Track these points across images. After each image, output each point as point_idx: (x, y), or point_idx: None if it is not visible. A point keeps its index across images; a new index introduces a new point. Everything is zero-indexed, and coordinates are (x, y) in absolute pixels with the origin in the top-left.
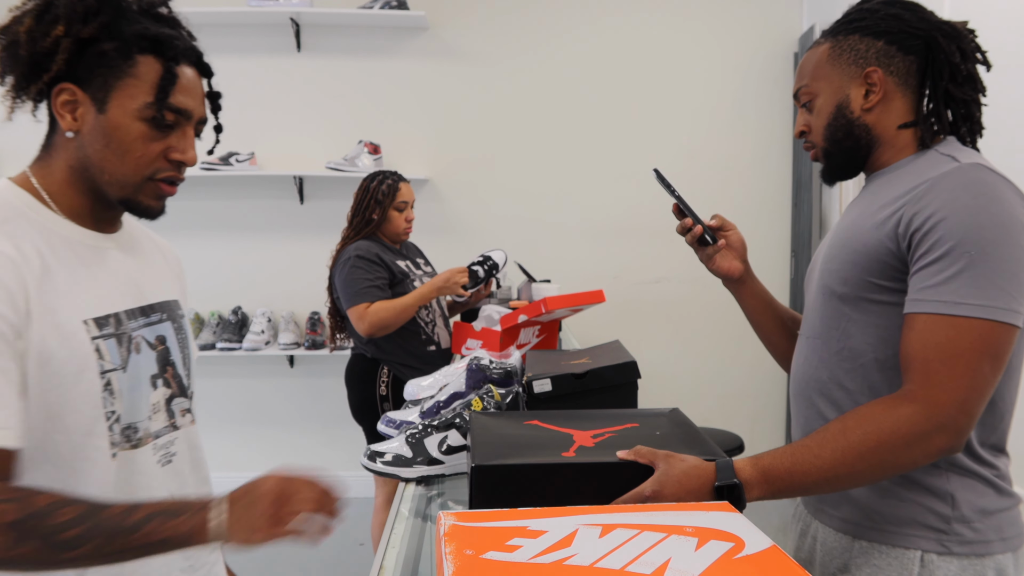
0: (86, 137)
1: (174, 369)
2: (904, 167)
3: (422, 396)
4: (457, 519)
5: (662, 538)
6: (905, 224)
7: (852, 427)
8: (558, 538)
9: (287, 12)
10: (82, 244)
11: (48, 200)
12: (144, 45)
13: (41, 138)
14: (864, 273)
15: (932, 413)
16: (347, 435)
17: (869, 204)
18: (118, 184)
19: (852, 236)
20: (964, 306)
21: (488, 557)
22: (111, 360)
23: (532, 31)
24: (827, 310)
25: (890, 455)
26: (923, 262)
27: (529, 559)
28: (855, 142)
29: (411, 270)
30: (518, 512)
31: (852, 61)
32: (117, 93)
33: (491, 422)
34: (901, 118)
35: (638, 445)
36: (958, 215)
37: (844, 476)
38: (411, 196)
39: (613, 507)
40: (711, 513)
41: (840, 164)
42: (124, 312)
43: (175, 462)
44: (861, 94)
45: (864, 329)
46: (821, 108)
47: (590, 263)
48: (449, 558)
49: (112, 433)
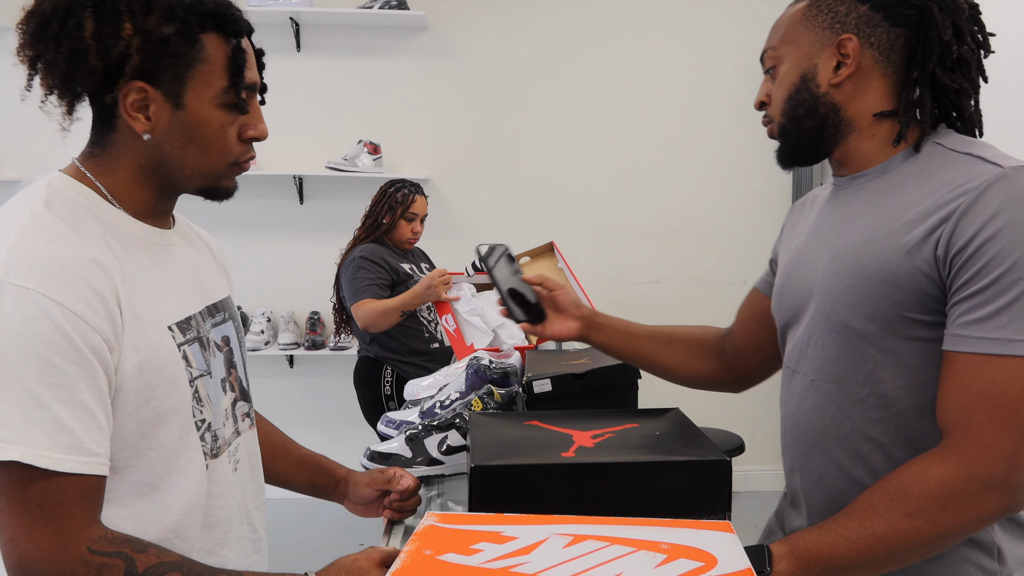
0: (162, 136)
1: (236, 372)
2: (917, 170)
3: (422, 396)
4: (439, 520)
5: (627, 552)
6: (945, 245)
7: (881, 499)
8: (523, 545)
9: (287, 11)
10: (150, 242)
11: (110, 197)
12: (206, 22)
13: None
14: (897, 308)
15: (973, 473)
16: (347, 435)
17: (881, 218)
18: (200, 176)
19: (873, 261)
20: (1017, 344)
21: (443, 559)
22: (198, 366)
23: (532, 31)
24: (843, 350)
25: (930, 527)
26: (968, 290)
27: (480, 563)
28: (819, 122)
29: (414, 272)
30: (501, 517)
31: (827, 25)
32: (192, 83)
33: (491, 422)
34: (879, 102)
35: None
36: (1011, 233)
37: (890, 558)
38: (423, 210)
39: (603, 519)
40: (701, 532)
41: (798, 146)
42: (199, 313)
43: (239, 469)
44: (831, 66)
45: (897, 372)
46: (784, 77)
47: (590, 263)
48: (402, 557)
49: (204, 443)
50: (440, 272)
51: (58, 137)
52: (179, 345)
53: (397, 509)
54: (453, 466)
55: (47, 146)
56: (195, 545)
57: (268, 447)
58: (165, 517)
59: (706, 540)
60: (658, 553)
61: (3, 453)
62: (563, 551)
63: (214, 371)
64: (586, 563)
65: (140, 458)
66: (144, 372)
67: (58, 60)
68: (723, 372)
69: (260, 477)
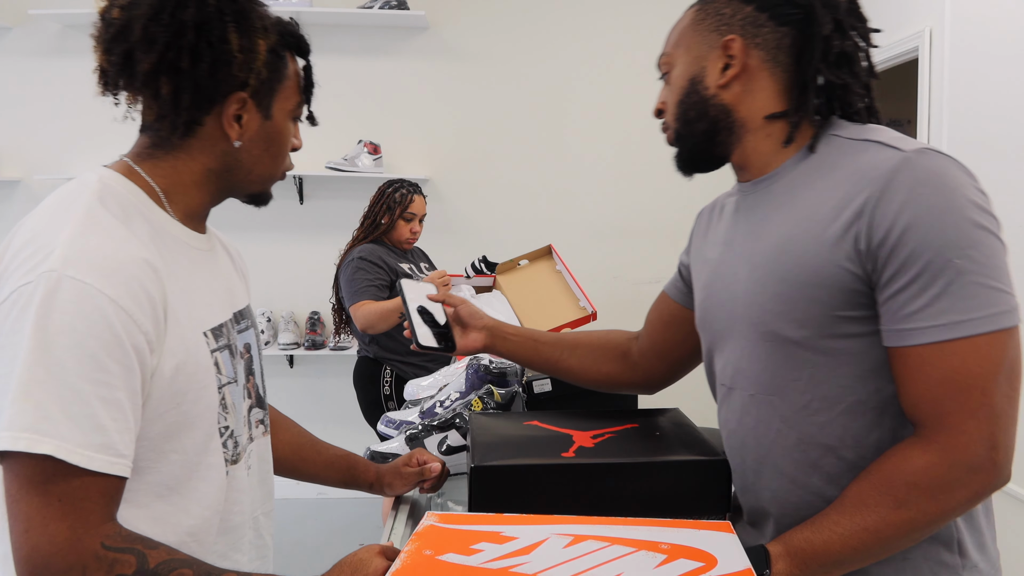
0: (247, 144)
1: (254, 379)
2: (820, 165)
3: (422, 396)
4: (439, 520)
5: (627, 552)
6: (865, 240)
7: (869, 492)
8: (523, 545)
9: (287, 11)
10: (189, 246)
11: (163, 199)
12: (289, 42)
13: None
14: (827, 309)
15: (957, 459)
16: (347, 435)
17: (795, 219)
18: (261, 182)
19: (794, 265)
20: (963, 325)
21: (443, 559)
22: (227, 373)
23: (532, 30)
24: (778, 359)
25: (921, 515)
26: (899, 283)
27: (480, 563)
28: (711, 125)
29: (414, 272)
30: (501, 518)
31: (714, 27)
32: (278, 97)
33: (491, 422)
34: (771, 102)
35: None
36: (927, 219)
37: (885, 548)
38: (422, 210)
39: (603, 519)
40: (701, 532)
41: (693, 150)
42: (228, 320)
43: (250, 475)
44: (719, 67)
45: (835, 371)
46: (675, 81)
47: (590, 263)
48: (402, 556)
49: (226, 449)
50: (439, 274)
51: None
52: (212, 351)
53: (430, 488)
54: (453, 466)
55: (47, 146)
56: (210, 549)
57: (297, 448)
58: (183, 520)
59: (706, 540)
60: (658, 553)
61: (37, 446)
62: (563, 551)
63: (241, 378)
64: (586, 563)
65: (162, 460)
66: (178, 376)
67: (198, 68)
68: (628, 374)
69: (270, 484)
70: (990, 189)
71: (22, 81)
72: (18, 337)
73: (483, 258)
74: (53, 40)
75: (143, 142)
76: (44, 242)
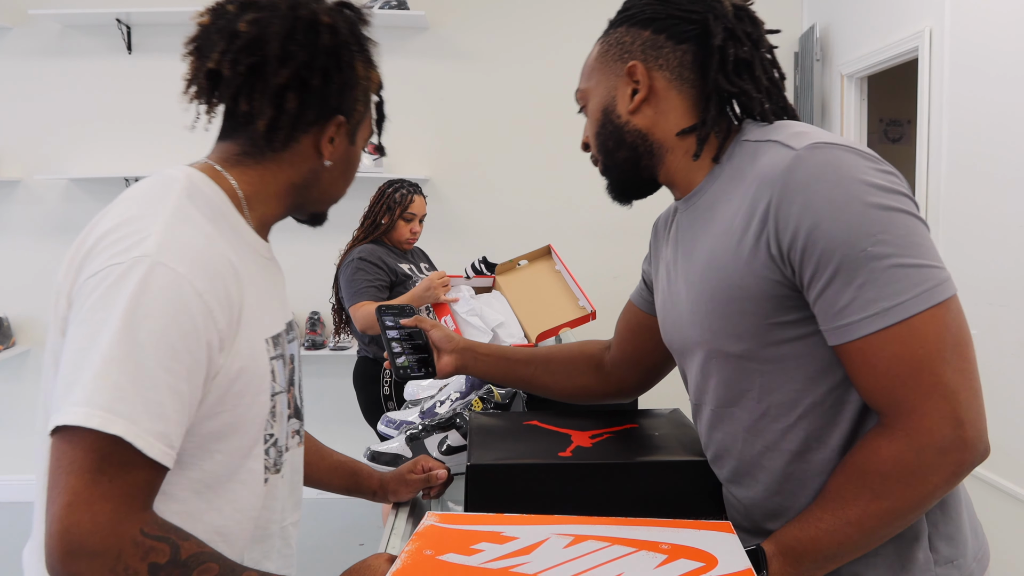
0: (333, 164)
1: (294, 389)
2: (732, 173)
3: (422, 396)
4: (439, 520)
5: (628, 552)
6: (776, 245)
7: (846, 486)
8: (524, 545)
9: None
10: (258, 254)
11: (243, 205)
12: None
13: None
14: (760, 319)
15: (923, 444)
16: (347, 435)
17: (716, 233)
18: (328, 202)
19: (720, 281)
20: (895, 310)
21: (444, 559)
22: (280, 382)
23: (532, 30)
24: (729, 373)
25: (901, 502)
26: (820, 283)
27: (481, 563)
28: (631, 152)
29: (414, 273)
30: (501, 518)
31: (617, 56)
32: (361, 124)
33: (490, 422)
34: (683, 119)
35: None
36: (828, 215)
37: (874, 538)
38: (422, 210)
39: (603, 519)
40: (702, 532)
41: (621, 179)
42: (283, 330)
43: (283, 485)
44: (627, 94)
45: (785, 376)
46: (591, 114)
47: (590, 263)
48: (402, 556)
49: (268, 457)
50: (439, 275)
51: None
52: (270, 359)
53: (436, 495)
54: (453, 466)
55: (47, 146)
56: (242, 554)
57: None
58: (215, 519)
59: (706, 540)
60: (658, 553)
61: (110, 426)
62: (563, 551)
63: (289, 387)
64: (586, 563)
65: (206, 458)
66: (239, 379)
67: (328, 88)
68: (602, 385)
69: (299, 494)
70: (990, 188)
71: (22, 81)
72: (103, 315)
73: (483, 259)
74: (53, 40)
75: (231, 148)
76: (137, 228)
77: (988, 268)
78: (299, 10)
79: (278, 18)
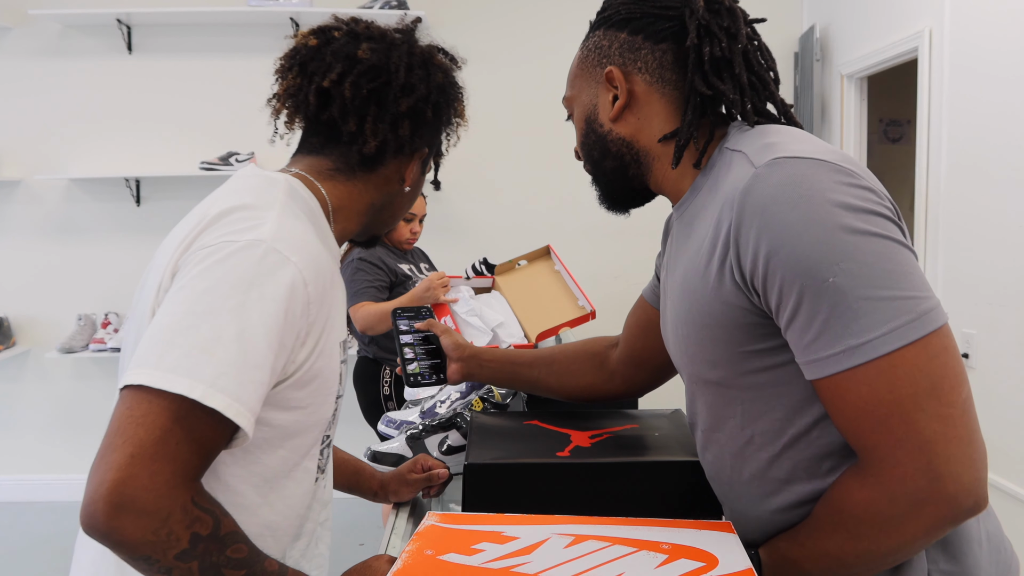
0: (413, 191)
1: None
2: (711, 184)
3: (422, 396)
4: (440, 520)
5: (628, 552)
6: (738, 272)
7: (825, 520)
8: (524, 545)
9: (287, 12)
10: (335, 261)
11: (330, 216)
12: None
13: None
14: (732, 347)
15: (896, 493)
16: (347, 435)
17: (689, 253)
18: (391, 224)
19: (691, 306)
20: (861, 349)
21: (444, 559)
22: (343, 386)
23: (532, 30)
24: (710, 399)
25: (877, 547)
26: (785, 314)
27: (481, 563)
28: (617, 161)
29: (414, 273)
30: (502, 518)
31: (596, 62)
32: (428, 158)
33: (491, 422)
34: (668, 123)
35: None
36: (786, 241)
37: (854, 571)
38: (422, 210)
39: (604, 519)
40: (702, 532)
41: (612, 189)
42: (347, 336)
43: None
44: (608, 101)
45: (765, 405)
46: (576, 124)
47: (590, 263)
48: (403, 556)
49: (321, 458)
50: (438, 275)
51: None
52: (340, 362)
53: (436, 494)
54: (454, 466)
55: (47, 146)
56: (285, 553)
57: None
58: (267, 514)
59: (707, 540)
60: (659, 553)
61: (211, 399)
62: (564, 551)
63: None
64: (587, 563)
65: (270, 453)
66: (318, 378)
67: (436, 122)
68: (607, 384)
69: (329, 493)
70: (990, 188)
71: (22, 81)
72: (208, 284)
73: (484, 260)
74: (53, 40)
75: (323, 163)
76: (253, 214)
77: (988, 268)
78: (415, 47)
79: (397, 51)
